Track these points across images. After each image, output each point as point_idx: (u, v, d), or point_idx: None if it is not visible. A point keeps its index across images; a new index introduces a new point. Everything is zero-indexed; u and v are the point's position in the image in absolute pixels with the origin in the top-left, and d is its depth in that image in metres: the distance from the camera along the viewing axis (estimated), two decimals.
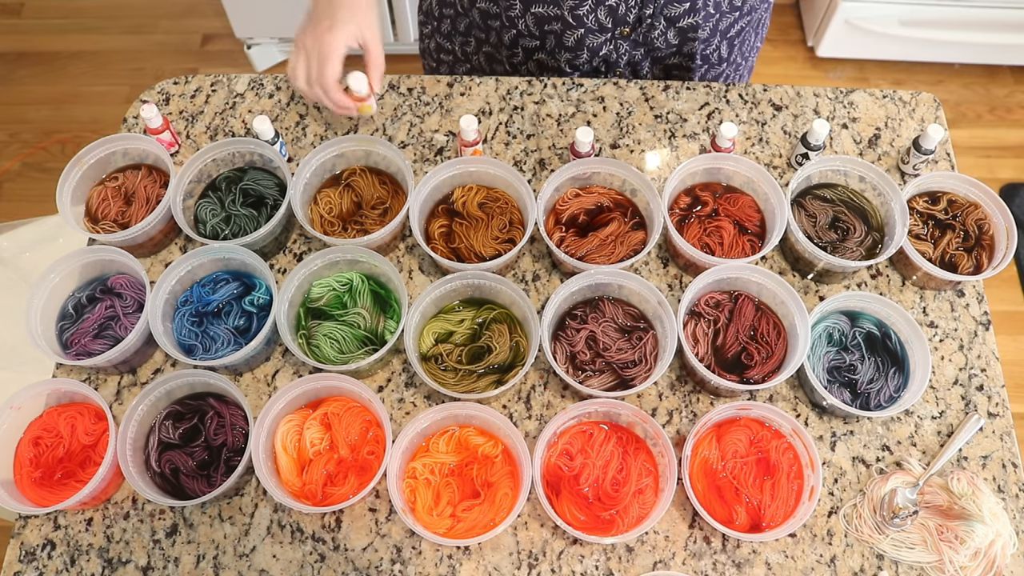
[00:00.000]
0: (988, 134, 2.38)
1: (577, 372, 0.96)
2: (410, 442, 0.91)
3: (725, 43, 1.20)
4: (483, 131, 1.15)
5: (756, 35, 1.27)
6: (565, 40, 1.14)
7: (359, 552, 0.90)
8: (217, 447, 0.92)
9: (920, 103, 1.19)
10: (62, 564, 0.90)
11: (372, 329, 0.99)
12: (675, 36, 1.15)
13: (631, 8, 1.08)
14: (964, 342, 1.02)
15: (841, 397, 0.95)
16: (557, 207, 1.06)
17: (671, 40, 1.15)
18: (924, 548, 0.90)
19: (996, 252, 1.03)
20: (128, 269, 1.00)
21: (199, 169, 1.06)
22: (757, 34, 1.27)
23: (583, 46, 1.15)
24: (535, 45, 1.17)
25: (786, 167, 1.13)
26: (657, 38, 1.15)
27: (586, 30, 1.12)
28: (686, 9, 1.10)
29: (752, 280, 0.99)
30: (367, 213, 1.05)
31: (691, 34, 1.14)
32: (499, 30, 1.17)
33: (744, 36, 1.22)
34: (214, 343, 0.97)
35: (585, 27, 1.11)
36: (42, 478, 0.92)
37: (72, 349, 0.98)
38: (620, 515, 0.89)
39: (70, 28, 2.66)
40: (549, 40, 1.16)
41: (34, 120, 2.46)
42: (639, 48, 1.17)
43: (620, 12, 1.09)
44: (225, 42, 2.61)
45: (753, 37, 1.26)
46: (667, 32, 1.14)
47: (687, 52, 1.18)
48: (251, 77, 1.20)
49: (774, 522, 0.88)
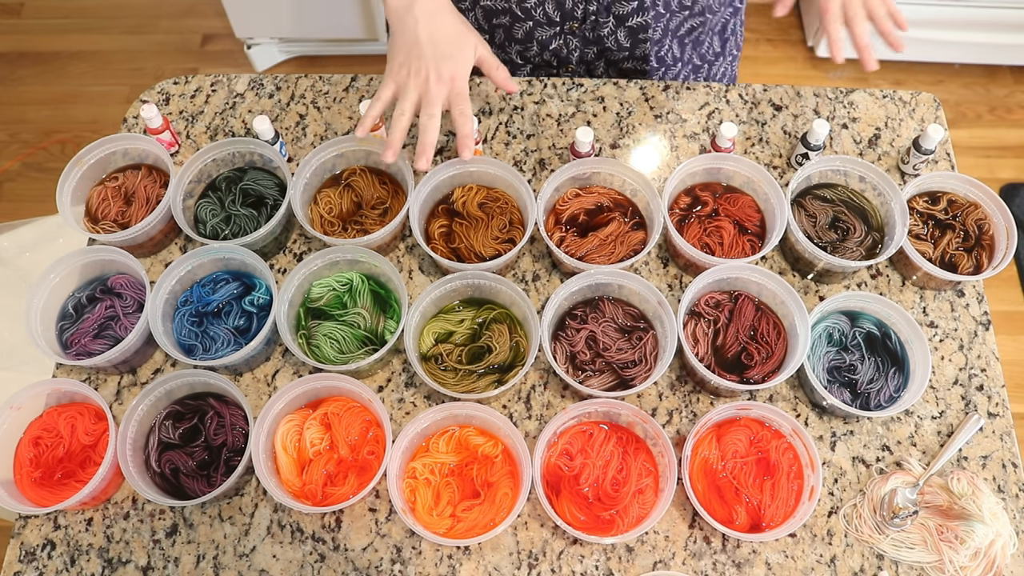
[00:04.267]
0: (988, 134, 2.38)
1: (577, 372, 0.96)
2: (410, 442, 0.91)
3: (676, 42, 1.19)
4: (483, 131, 1.15)
5: (720, 40, 1.26)
6: (514, 32, 1.15)
7: (359, 552, 0.90)
8: (217, 447, 0.92)
9: (920, 103, 1.19)
10: (62, 564, 0.90)
11: (372, 329, 0.99)
12: (626, 37, 1.15)
13: (578, 2, 1.08)
14: (964, 342, 1.02)
15: (841, 397, 0.95)
16: (557, 207, 1.06)
17: (622, 41, 1.15)
18: (924, 548, 0.90)
19: (996, 252, 1.03)
20: (128, 269, 1.00)
21: (199, 169, 1.06)
22: (723, 40, 1.26)
23: (532, 38, 1.15)
24: (486, 39, 1.17)
25: (786, 167, 1.13)
26: (607, 36, 1.15)
27: (534, 23, 1.12)
28: (634, 8, 1.10)
29: (752, 280, 0.99)
30: (367, 213, 1.05)
31: (642, 35, 1.14)
32: None
33: (699, 37, 1.22)
34: (214, 343, 0.97)
35: (533, 20, 1.12)
36: (42, 478, 0.92)
37: (72, 349, 0.98)
38: (620, 515, 0.89)
39: (70, 28, 2.66)
40: (498, 33, 1.16)
41: (34, 120, 2.46)
42: (591, 46, 1.17)
43: (567, 6, 1.09)
44: (225, 42, 2.61)
45: (714, 40, 1.25)
46: (617, 31, 1.13)
47: (640, 55, 1.18)
48: (251, 77, 1.20)
49: (774, 522, 0.88)
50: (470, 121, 0.96)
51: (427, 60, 0.94)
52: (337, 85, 1.19)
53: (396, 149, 0.94)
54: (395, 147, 0.94)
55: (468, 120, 0.96)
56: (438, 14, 0.95)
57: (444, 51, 0.94)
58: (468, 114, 0.95)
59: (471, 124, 0.96)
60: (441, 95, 0.94)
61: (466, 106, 0.95)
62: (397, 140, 0.94)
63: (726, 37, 1.26)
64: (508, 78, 1.01)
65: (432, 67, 0.94)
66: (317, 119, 1.17)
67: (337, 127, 1.16)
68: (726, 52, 1.28)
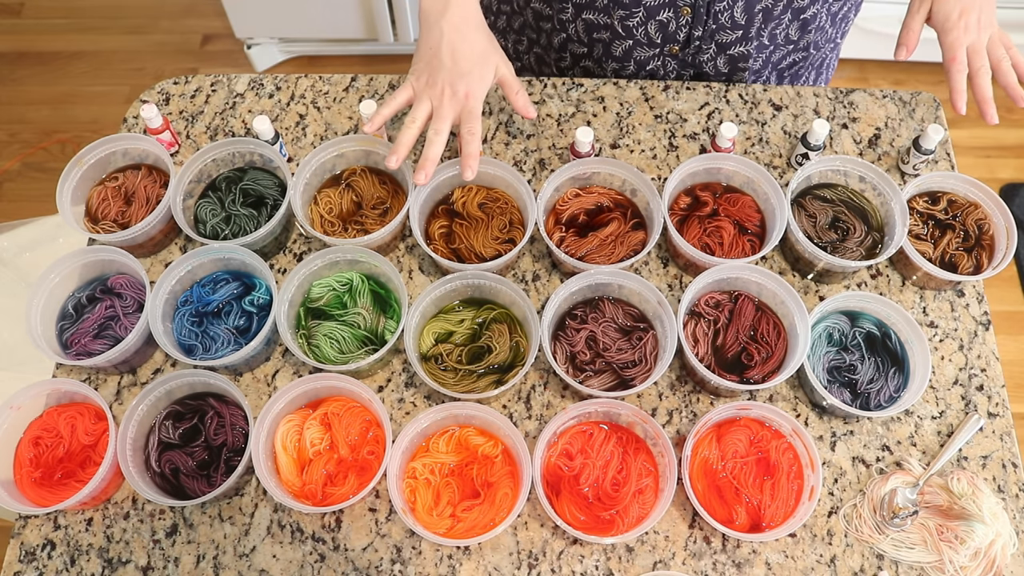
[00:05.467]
0: (988, 134, 2.38)
1: (577, 372, 0.96)
2: (410, 442, 0.91)
3: (775, 74, 1.19)
4: (483, 131, 1.15)
5: (816, 74, 1.25)
6: (613, 50, 1.14)
7: (359, 552, 0.90)
8: (217, 447, 0.92)
9: (920, 103, 1.19)
10: (62, 564, 0.90)
11: (372, 329, 0.99)
12: (725, 64, 1.14)
13: (681, 27, 1.07)
14: (964, 342, 1.02)
15: (841, 397, 0.95)
16: (557, 207, 1.06)
17: (720, 67, 1.15)
18: (924, 548, 0.90)
19: (996, 252, 1.03)
20: (128, 269, 1.00)
21: (199, 169, 1.06)
22: (818, 74, 1.26)
23: (630, 58, 1.15)
24: (583, 52, 1.17)
25: (786, 167, 1.13)
26: (706, 62, 1.14)
27: (634, 42, 1.11)
28: (738, 37, 1.09)
29: (752, 280, 0.99)
30: (367, 213, 1.05)
31: (741, 63, 1.14)
32: (549, 32, 1.17)
33: (800, 72, 1.21)
34: (214, 343, 0.97)
35: (634, 39, 1.11)
36: (42, 478, 0.92)
37: (72, 349, 0.98)
38: (620, 515, 0.89)
39: (70, 28, 2.66)
40: (597, 48, 1.15)
41: (34, 120, 2.46)
42: (687, 69, 1.16)
43: (670, 29, 1.08)
44: (225, 42, 2.61)
45: (811, 74, 1.24)
46: (717, 58, 1.13)
47: (736, 80, 1.18)
48: (251, 77, 1.20)
49: (774, 522, 0.88)
50: (477, 141, 0.94)
51: (444, 74, 0.93)
52: (337, 85, 1.19)
53: (400, 156, 0.94)
54: (399, 154, 0.94)
55: (475, 140, 0.94)
56: (465, 29, 0.94)
57: (463, 68, 0.93)
58: (476, 133, 0.94)
59: (478, 144, 0.95)
60: (452, 112, 0.93)
61: (474, 125, 0.94)
62: (403, 148, 0.94)
63: (822, 71, 1.26)
64: (528, 104, 0.99)
65: (448, 82, 0.93)
66: (317, 119, 1.17)
67: (337, 127, 1.16)
68: (818, 84, 1.29)
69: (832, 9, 1.12)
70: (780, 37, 1.11)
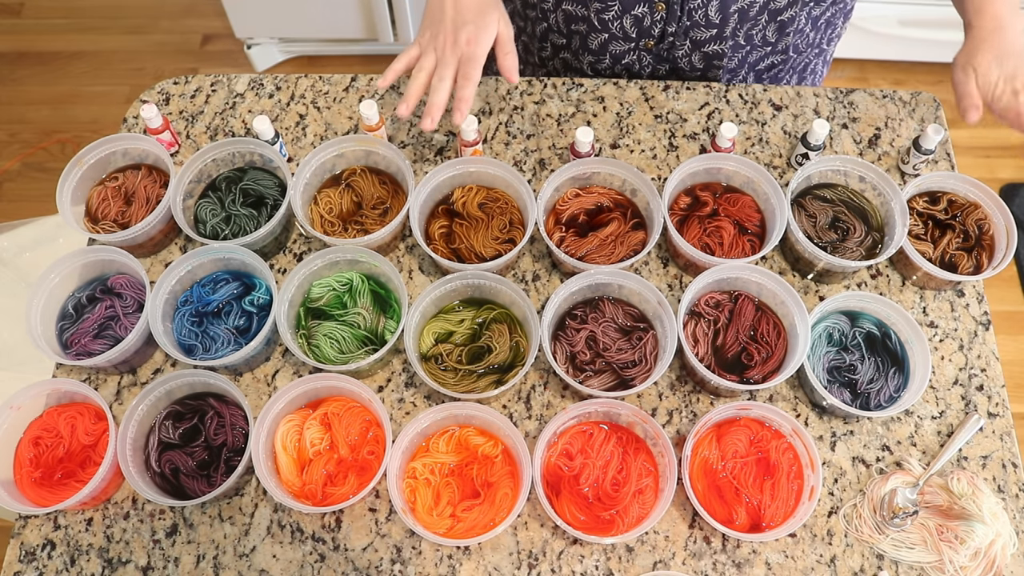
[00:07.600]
0: (988, 134, 2.38)
1: (577, 372, 0.96)
2: (410, 442, 0.91)
3: (752, 75, 1.19)
4: (483, 131, 1.15)
5: (799, 78, 1.25)
6: (589, 43, 1.14)
7: (359, 552, 0.90)
8: (217, 447, 0.92)
9: (920, 103, 1.19)
10: (62, 564, 0.90)
11: (372, 329, 0.99)
12: (700, 60, 1.14)
13: (656, 22, 1.08)
14: (964, 342, 1.02)
15: (841, 397, 0.95)
16: (557, 207, 1.06)
17: (696, 63, 1.15)
18: (924, 548, 0.90)
19: (996, 252, 1.03)
20: (128, 269, 1.00)
21: (199, 169, 1.06)
22: (801, 78, 1.25)
23: (606, 51, 1.15)
24: (562, 43, 1.18)
25: (786, 167, 1.13)
26: (681, 58, 1.14)
27: (610, 35, 1.12)
28: (712, 35, 1.09)
29: (752, 280, 0.99)
30: (367, 213, 1.05)
31: (716, 61, 1.14)
32: (534, 21, 1.19)
33: (779, 75, 1.21)
34: (214, 343, 0.97)
35: (609, 32, 1.11)
36: (42, 478, 0.92)
37: (72, 349, 0.98)
38: (620, 515, 0.89)
39: (70, 28, 2.66)
40: (575, 40, 1.16)
41: (34, 120, 2.46)
42: (663, 64, 1.17)
43: (645, 24, 1.09)
44: (225, 42, 2.61)
45: (793, 78, 1.24)
46: (692, 55, 1.13)
47: (713, 77, 1.18)
48: (251, 77, 1.20)
49: (774, 522, 0.88)
50: (471, 84, 0.95)
51: (447, 24, 0.96)
52: (337, 85, 1.19)
53: (410, 105, 0.97)
54: (409, 103, 0.97)
55: (469, 84, 0.95)
56: None
57: (465, 17, 0.96)
58: (470, 78, 0.95)
59: (472, 89, 0.95)
60: (455, 59, 0.96)
61: (470, 69, 0.95)
62: (412, 97, 0.97)
63: (805, 76, 1.26)
64: (514, 68, 1.00)
65: (450, 31, 0.96)
66: (317, 119, 1.17)
67: (337, 127, 1.16)
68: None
69: (813, 13, 1.12)
70: (757, 38, 1.12)
